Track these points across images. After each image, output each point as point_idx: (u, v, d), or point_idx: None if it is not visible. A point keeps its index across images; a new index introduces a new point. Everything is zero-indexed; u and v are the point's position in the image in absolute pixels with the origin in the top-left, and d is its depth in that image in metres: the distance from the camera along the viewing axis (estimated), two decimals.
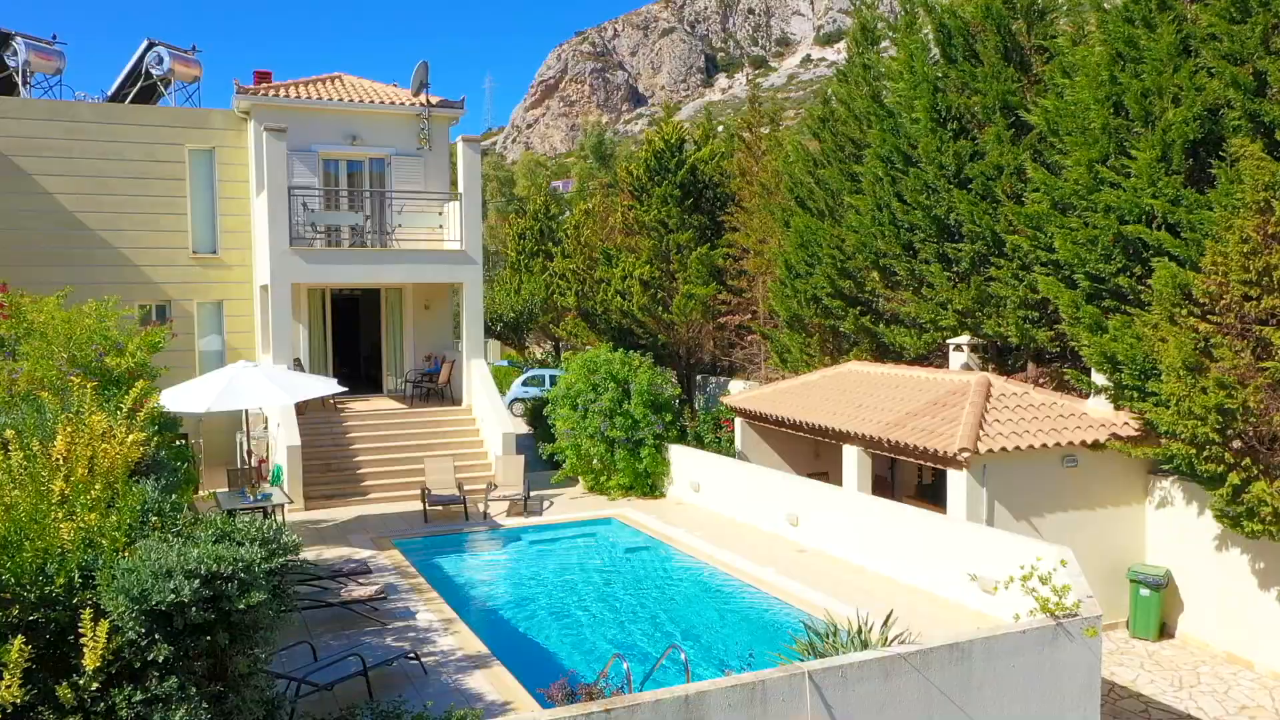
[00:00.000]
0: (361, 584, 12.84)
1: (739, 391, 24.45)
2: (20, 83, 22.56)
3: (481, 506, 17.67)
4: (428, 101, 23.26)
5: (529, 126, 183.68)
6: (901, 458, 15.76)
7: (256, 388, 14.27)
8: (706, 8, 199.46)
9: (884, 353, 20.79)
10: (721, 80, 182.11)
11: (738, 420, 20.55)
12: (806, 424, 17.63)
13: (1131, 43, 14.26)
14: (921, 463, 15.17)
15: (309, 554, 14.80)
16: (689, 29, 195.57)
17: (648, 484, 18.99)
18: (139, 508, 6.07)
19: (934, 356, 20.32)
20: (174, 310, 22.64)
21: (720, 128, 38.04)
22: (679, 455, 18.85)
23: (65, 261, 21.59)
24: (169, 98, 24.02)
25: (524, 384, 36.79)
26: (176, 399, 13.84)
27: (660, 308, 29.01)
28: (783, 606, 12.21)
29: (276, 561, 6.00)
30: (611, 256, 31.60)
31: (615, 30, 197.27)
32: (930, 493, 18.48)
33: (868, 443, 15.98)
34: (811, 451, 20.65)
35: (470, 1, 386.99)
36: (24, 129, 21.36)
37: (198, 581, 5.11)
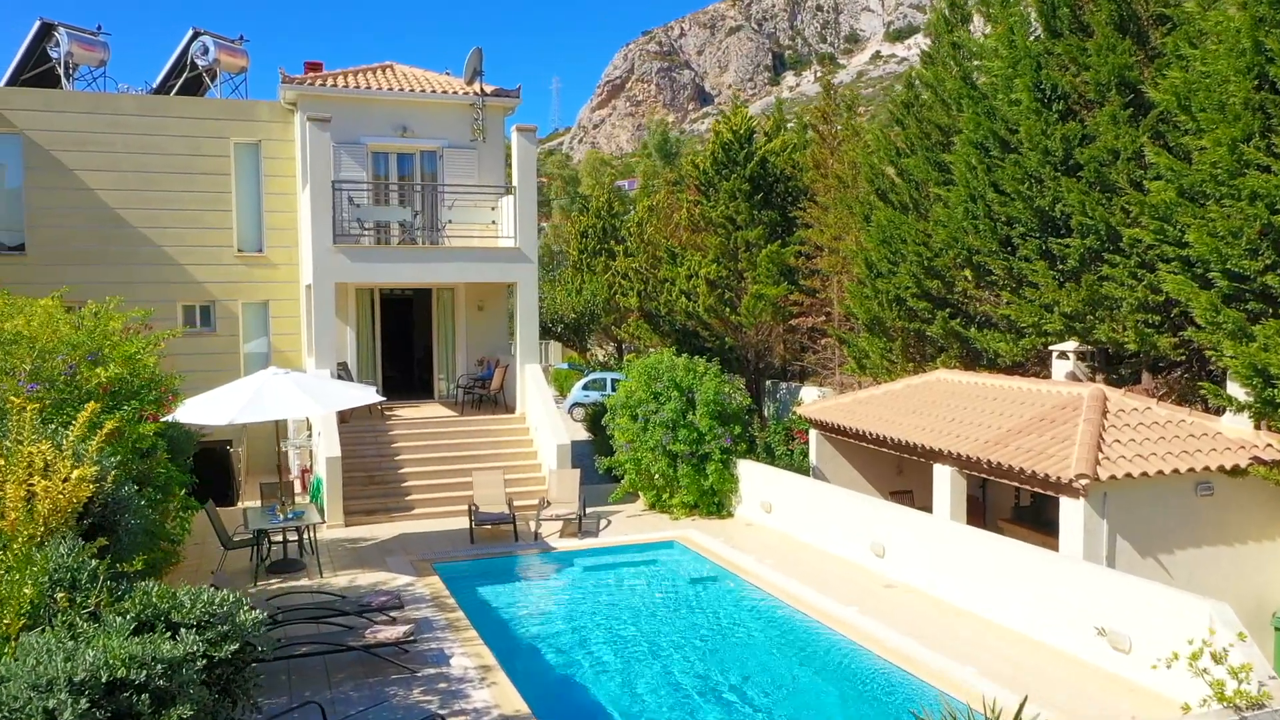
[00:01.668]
0: (392, 617, 11.46)
1: (813, 400, 22.70)
2: (63, 75, 21.77)
3: (533, 525, 16.23)
4: (481, 90, 21.93)
5: (595, 127, 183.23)
6: (1003, 481, 13.91)
7: (286, 398, 12.98)
8: (774, 5, 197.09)
9: (974, 359, 18.87)
10: (789, 78, 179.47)
11: (812, 432, 18.80)
12: (891, 439, 15.84)
13: (1278, 4, 12.24)
14: (1021, 486, 13.32)
15: (341, 579, 13.54)
16: (756, 27, 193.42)
17: (714, 503, 17.38)
18: (45, 579, 4.66)
19: (1030, 364, 18.36)
20: (218, 311, 21.68)
21: (791, 121, 36.18)
22: (748, 472, 17.19)
23: (105, 260, 20.74)
24: (215, 90, 23.06)
25: (585, 388, 35.37)
26: (198, 410, 12.63)
27: (728, 309, 27.35)
28: (873, 659, 10.50)
29: (226, 650, 4.54)
30: (676, 255, 30.03)
31: (682, 29, 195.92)
32: (1029, 516, 16.54)
33: (963, 463, 14.15)
34: (894, 467, 18.84)
35: (536, 2, 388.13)
36: (65, 122, 20.52)
37: (86, 701, 3.67)
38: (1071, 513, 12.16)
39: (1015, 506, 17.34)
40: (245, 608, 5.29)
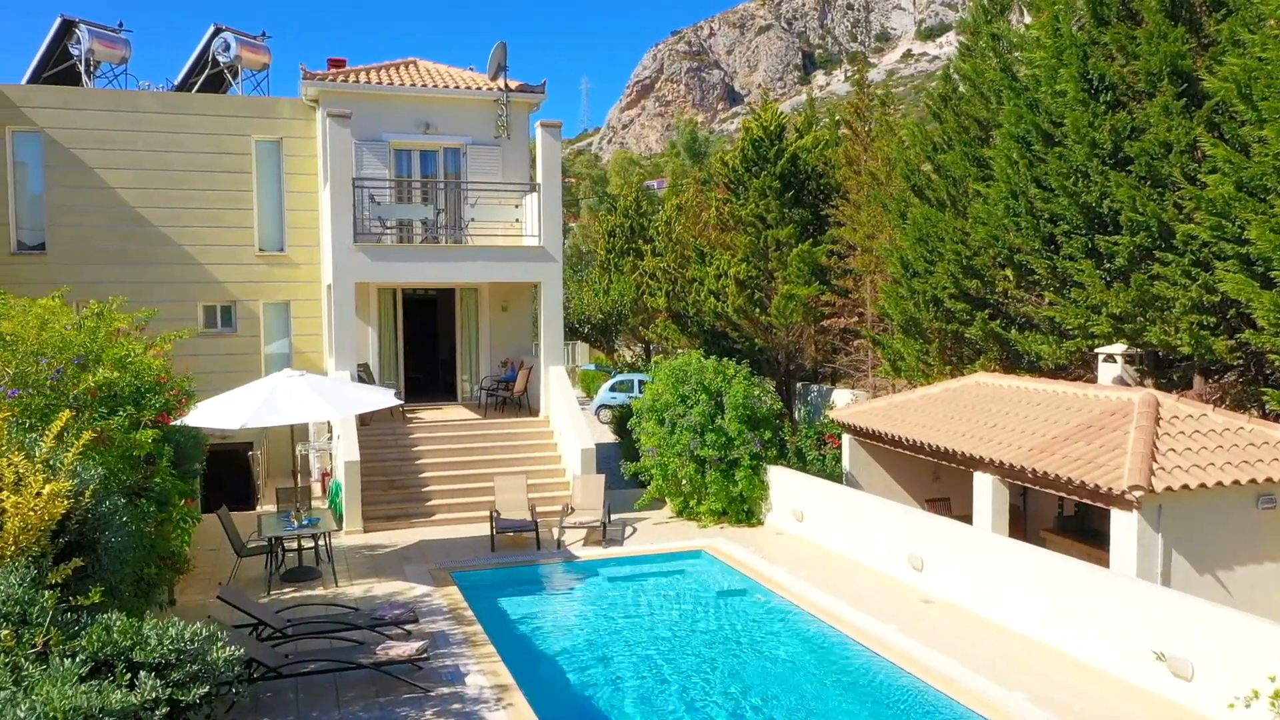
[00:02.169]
0: (407, 631, 10.98)
1: (846, 404, 22.05)
2: (84, 72, 21.53)
3: (555, 533, 15.71)
4: (506, 86, 21.46)
5: (624, 127, 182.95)
6: (1047, 491, 13.22)
7: (300, 401, 12.52)
8: (804, 4, 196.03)
9: (1014, 362, 18.16)
10: (819, 78, 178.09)
11: (845, 437, 18.15)
12: (929, 446, 15.17)
13: None
14: (1068, 496, 12.63)
15: (357, 589, 13.08)
16: (786, 26, 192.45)
17: (743, 510, 16.78)
18: None
19: (1074, 368, 17.63)
20: (239, 311, 21.35)
21: (823, 119, 35.44)
22: (779, 478, 16.58)
23: (125, 259, 20.48)
24: (236, 87, 22.75)
25: (612, 389, 34.85)
26: (210, 413, 12.21)
27: (757, 309, 26.72)
28: (913, 682, 9.86)
29: (194, 694, 4.03)
30: (705, 254, 29.45)
31: (711, 29, 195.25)
32: (1074, 527, 15.82)
33: (1005, 471, 13.46)
34: (930, 474, 18.14)
35: (566, 3, 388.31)
36: (86, 120, 20.26)
37: None
38: (1124, 527, 11.46)
39: (1058, 516, 16.59)
40: (220, 644, 4.78)
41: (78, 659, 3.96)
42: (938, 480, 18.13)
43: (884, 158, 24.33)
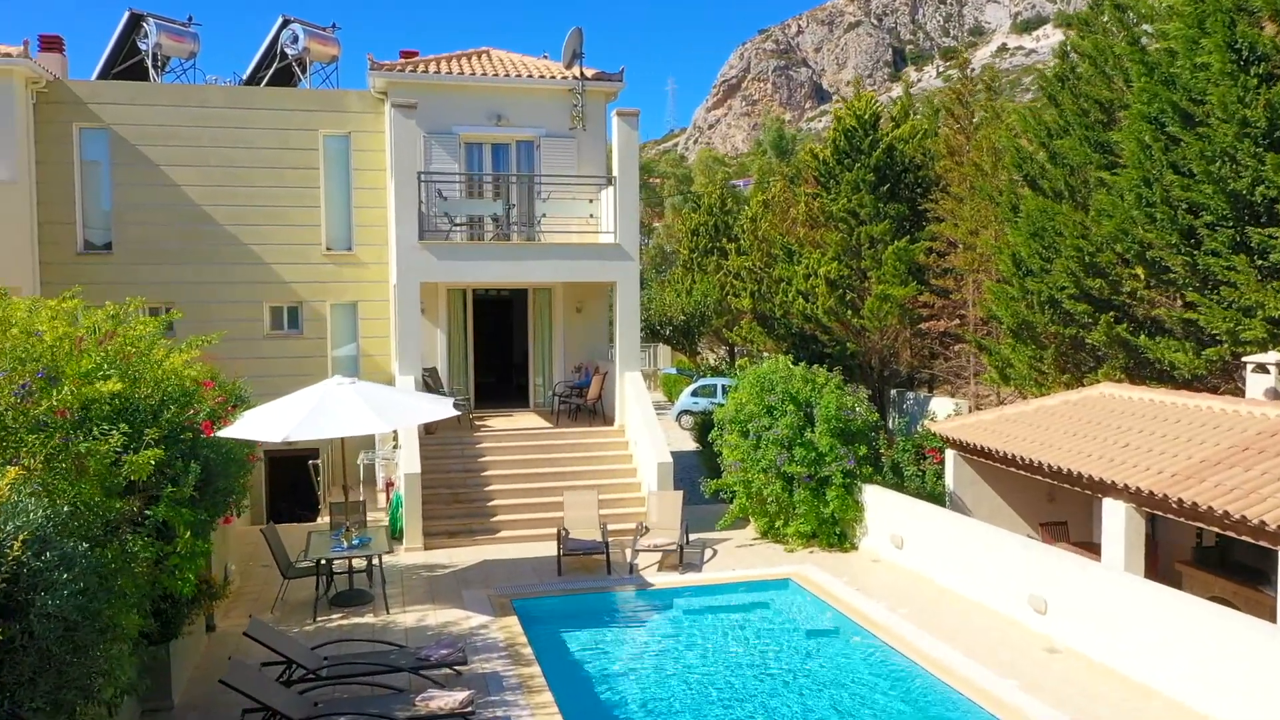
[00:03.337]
0: (458, 671, 9.79)
1: (949, 416, 20.26)
2: (151, 67, 21.01)
3: (628, 555, 14.38)
4: (581, 75, 20.24)
5: (710, 127, 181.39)
6: (1192, 523, 11.39)
7: (348, 412, 11.44)
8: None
9: (1142, 371, 16.21)
10: (910, 74, 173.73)
11: (949, 453, 16.43)
12: (1048, 466, 13.39)
13: None
14: (1222, 532, 10.79)
15: (409, 616, 11.96)
16: (876, 22, 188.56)
17: (834, 533, 15.23)
18: None
19: (1212, 378, 15.62)
20: (305, 313, 20.55)
21: (920, 108, 33.46)
22: (876, 499, 14.99)
23: (191, 259, 19.84)
24: (305, 81, 22.01)
25: (694, 394, 33.43)
26: (252, 425, 11.23)
27: (849, 311, 25.03)
28: None
29: None
30: (793, 252, 27.85)
31: (799, 27, 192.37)
32: (1215, 560, 13.84)
33: (1143, 500, 11.66)
34: (1044, 495, 16.31)
35: (652, 3, 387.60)
36: (152, 116, 19.68)
37: None
38: None
39: (1196, 547, 14.61)
40: None
41: None
42: (1053, 502, 16.32)
43: (989, 147, 22.46)
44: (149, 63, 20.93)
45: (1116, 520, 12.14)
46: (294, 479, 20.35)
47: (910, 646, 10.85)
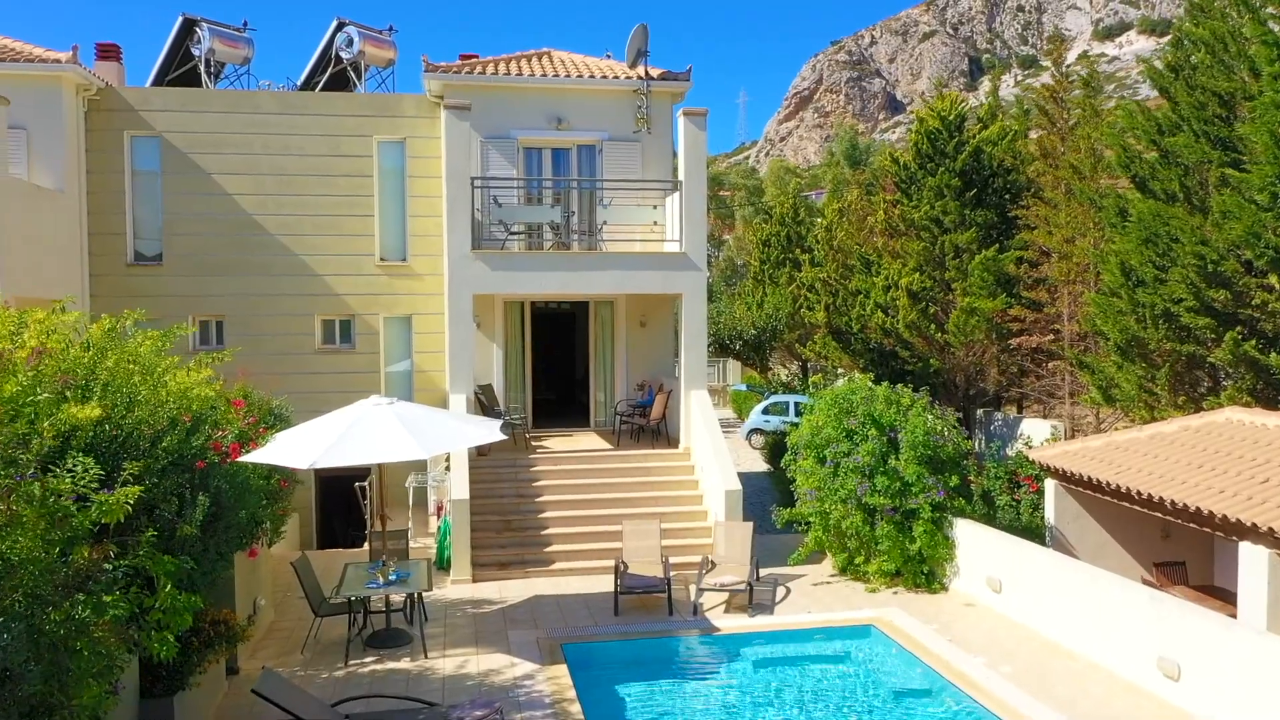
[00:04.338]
0: None
1: (1047, 441, 18.55)
2: (204, 73, 20.41)
3: (692, 593, 13.06)
4: (646, 74, 19.08)
5: (782, 140, 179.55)
6: None
7: (383, 436, 10.36)
8: (971, 8, 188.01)
9: (1274, 394, 14.39)
10: (987, 83, 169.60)
11: (1050, 484, 14.77)
12: (1171, 503, 11.73)
13: None
14: None
15: (449, 663, 10.83)
16: (951, 31, 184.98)
17: (921, 571, 13.72)
18: None
19: None
20: (358, 326, 19.67)
21: (1000, 112, 31.61)
22: (969, 535, 13.45)
23: (242, 270, 19.12)
24: (361, 86, 21.22)
25: (764, 412, 31.96)
26: (277, 450, 10.22)
27: (932, 325, 23.38)
28: None
29: None
30: (871, 263, 26.29)
31: (873, 37, 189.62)
32: None
33: None
34: (1158, 530, 14.57)
35: (724, 15, 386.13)
36: (203, 123, 19.03)
37: None
38: None
39: None
40: None
41: None
42: (1167, 539, 14.58)
43: (1087, 148, 20.71)
44: (202, 69, 20.32)
45: (1257, 568, 10.45)
46: (349, 500, 19.48)
47: (1017, 715, 9.34)
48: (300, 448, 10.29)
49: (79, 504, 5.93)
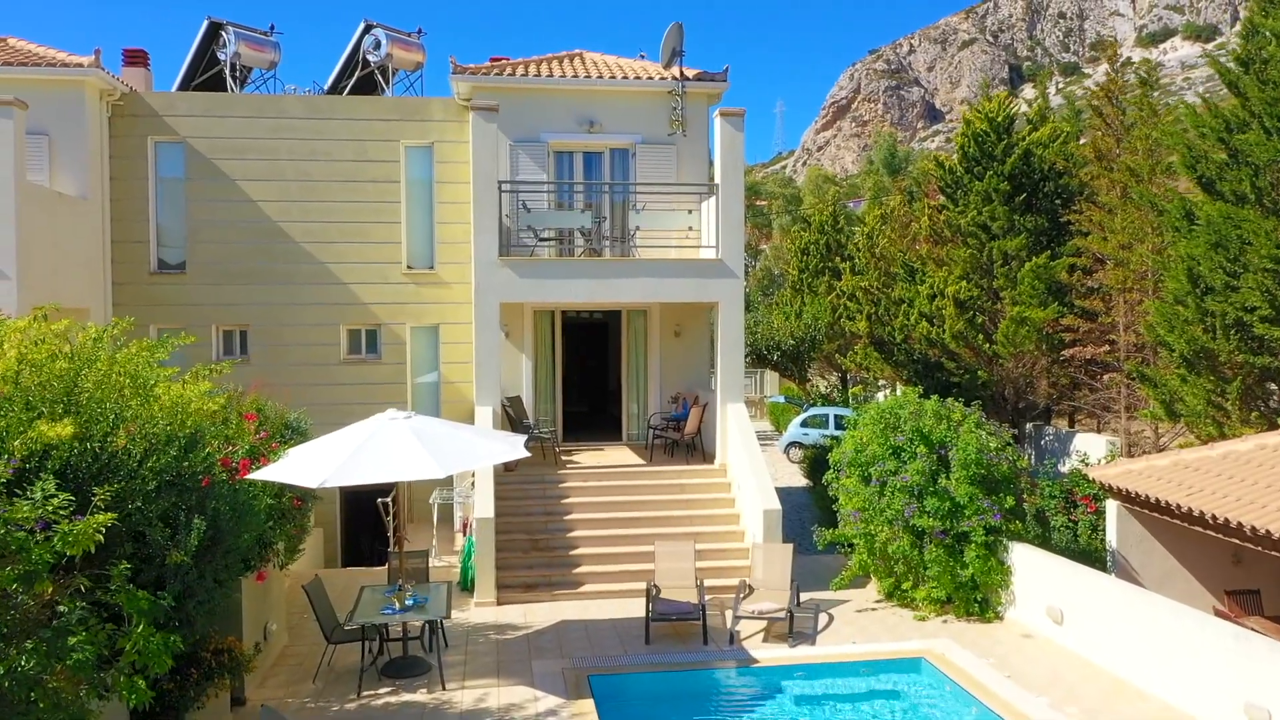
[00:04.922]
0: None
1: (1105, 459, 17.54)
2: (229, 78, 19.98)
3: (728, 620, 12.26)
4: (681, 75, 18.38)
5: (819, 149, 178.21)
6: None
7: (399, 453, 9.72)
8: (1011, 15, 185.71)
9: None
10: (1027, 91, 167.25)
11: (1112, 505, 13.80)
12: (1251, 529, 10.74)
13: None
14: None
15: (467, 696, 10.14)
16: (991, 39, 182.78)
17: (974, 599, 12.82)
18: None
19: None
20: (384, 336, 19.10)
21: (1053, 107, 30.54)
22: (1026, 560, 12.53)
23: (266, 278, 18.63)
24: (389, 90, 20.70)
25: (803, 425, 31.06)
26: (288, 468, 9.65)
27: (980, 335, 22.40)
28: None
29: None
30: (915, 271, 25.36)
31: (911, 46, 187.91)
32: None
33: None
34: (1228, 556, 13.56)
35: (761, 24, 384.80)
36: (228, 128, 18.60)
37: None
38: None
39: None
40: None
41: None
42: (1239, 565, 13.56)
43: (1145, 149, 19.69)
44: (228, 74, 19.91)
45: None
46: (375, 515, 18.90)
47: None
48: (311, 465, 9.70)
49: (45, 533, 5.32)
